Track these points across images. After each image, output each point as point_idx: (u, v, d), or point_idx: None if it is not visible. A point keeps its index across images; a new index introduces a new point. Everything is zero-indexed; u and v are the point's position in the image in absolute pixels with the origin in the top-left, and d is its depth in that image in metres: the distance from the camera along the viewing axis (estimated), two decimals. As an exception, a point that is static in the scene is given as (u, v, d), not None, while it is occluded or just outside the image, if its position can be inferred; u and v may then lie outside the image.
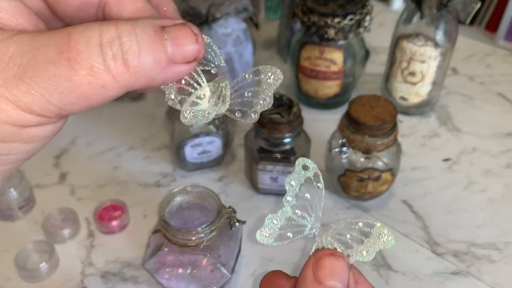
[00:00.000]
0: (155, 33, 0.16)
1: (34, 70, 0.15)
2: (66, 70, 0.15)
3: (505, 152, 0.58)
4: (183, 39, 0.17)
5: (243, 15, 0.59)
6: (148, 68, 0.16)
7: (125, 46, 0.16)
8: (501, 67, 0.73)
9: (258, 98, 0.23)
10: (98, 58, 0.15)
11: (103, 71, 0.15)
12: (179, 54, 0.17)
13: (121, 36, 0.16)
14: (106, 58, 0.15)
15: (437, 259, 0.45)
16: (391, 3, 0.89)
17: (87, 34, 0.15)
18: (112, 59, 0.16)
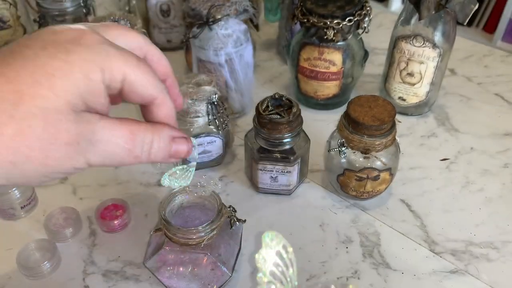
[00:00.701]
0: (169, 142, 0.29)
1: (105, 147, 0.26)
2: (126, 152, 0.27)
3: (502, 152, 0.58)
4: (181, 147, 0.30)
5: (243, 17, 0.59)
6: (157, 159, 0.29)
7: (153, 148, 0.28)
8: (498, 68, 0.74)
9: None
10: (140, 150, 0.27)
11: (140, 157, 0.28)
12: (177, 154, 0.30)
13: (153, 141, 0.28)
14: (143, 153, 0.28)
15: (435, 258, 0.46)
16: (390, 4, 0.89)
17: (142, 136, 0.27)
18: (146, 154, 0.28)
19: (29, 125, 0.22)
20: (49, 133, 0.23)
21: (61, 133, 0.23)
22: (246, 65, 0.60)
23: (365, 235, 0.48)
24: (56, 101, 0.23)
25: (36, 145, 0.23)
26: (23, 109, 0.22)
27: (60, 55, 0.23)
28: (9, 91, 0.22)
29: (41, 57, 0.23)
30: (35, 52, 0.23)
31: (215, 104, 0.51)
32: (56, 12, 0.66)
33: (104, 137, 0.25)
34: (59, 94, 0.23)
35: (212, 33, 0.57)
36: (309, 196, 0.53)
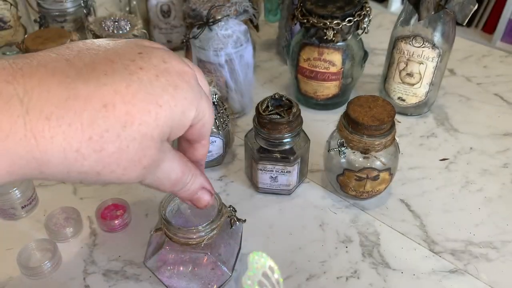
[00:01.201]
0: (198, 188, 0.32)
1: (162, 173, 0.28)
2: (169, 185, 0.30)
3: (502, 152, 0.59)
4: (205, 197, 0.33)
5: (243, 17, 0.59)
6: (182, 196, 0.32)
7: (186, 187, 0.31)
8: (498, 68, 0.74)
9: None
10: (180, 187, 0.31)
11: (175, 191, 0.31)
12: (198, 201, 0.33)
13: (189, 182, 0.31)
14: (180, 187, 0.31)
15: (435, 257, 0.46)
16: (389, 5, 0.90)
17: (186, 177, 0.30)
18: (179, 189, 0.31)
19: (127, 146, 0.24)
20: (138, 156, 0.25)
21: (146, 157, 0.26)
22: (246, 66, 0.60)
23: (365, 235, 0.48)
24: (155, 130, 0.25)
25: (124, 164, 0.25)
26: (129, 132, 0.24)
27: (170, 88, 0.26)
28: (123, 112, 0.24)
29: (155, 87, 0.25)
30: (151, 79, 0.25)
31: (215, 104, 0.51)
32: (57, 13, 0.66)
33: (165, 168, 0.28)
34: (159, 124, 0.25)
35: (212, 34, 0.57)
36: (309, 196, 0.53)
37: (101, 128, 0.23)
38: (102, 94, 0.23)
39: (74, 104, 0.22)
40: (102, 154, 0.24)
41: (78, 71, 0.24)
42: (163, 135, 0.26)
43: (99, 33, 0.60)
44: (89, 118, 0.23)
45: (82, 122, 0.23)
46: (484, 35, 0.82)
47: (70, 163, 0.23)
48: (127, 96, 0.24)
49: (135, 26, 0.62)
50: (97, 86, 0.23)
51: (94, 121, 0.23)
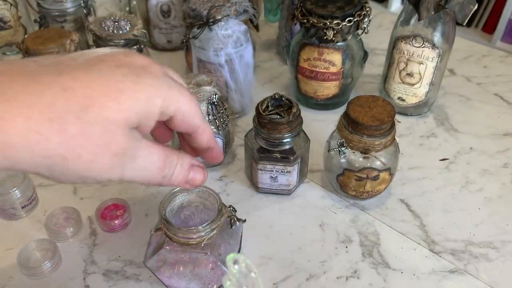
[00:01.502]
0: (188, 168, 0.32)
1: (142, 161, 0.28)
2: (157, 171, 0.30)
3: (502, 152, 0.59)
4: (198, 175, 0.33)
5: (243, 17, 0.59)
6: (176, 182, 0.32)
7: (176, 170, 0.31)
8: (498, 68, 0.74)
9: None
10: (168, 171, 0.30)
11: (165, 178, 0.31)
12: (193, 181, 0.33)
13: (177, 164, 0.31)
14: (169, 171, 0.30)
15: (435, 257, 0.46)
16: (389, 5, 0.90)
17: (171, 158, 0.30)
18: (169, 174, 0.31)
19: (90, 129, 0.25)
20: (104, 140, 0.25)
21: (113, 143, 0.26)
22: (246, 66, 0.60)
23: (365, 235, 0.48)
24: (118, 115, 0.25)
25: (90, 148, 0.25)
26: (90, 114, 0.24)
27: (131, 76, 0.26)
28: (82, 95, 0.24)
29: (116, 74, 0.26)
30: (111, 69, 0.26)
31: (215, 104, 0.51)
32: (57, 13, 0.66)
33: (143, 154, 0.28)
34: (122, 109, 0.25)
35: (212, 34, 0.57)
36: (308, 196, 0.53)
37: (61, 110, 0.24)
38: (62, 81, 0.24)
39: (34, 89, 0.24)
40: (64, 135, 0.24)
41: (43, 66, 0.25)
42: (129, 121, 0.26)
43: (99, 33, 0.60)
44: (49, 100, 0.24)
45: (42, 104, 0.23)
46: (484, 35, 0.82)
47: (32, 145, 0.23)
48: (87, 82, 0.25)
49: (135, 26, 0.62)
50: (57, 75, 0.24)
51: (53, 103, 0.24)
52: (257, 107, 0.48)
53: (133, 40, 0.62)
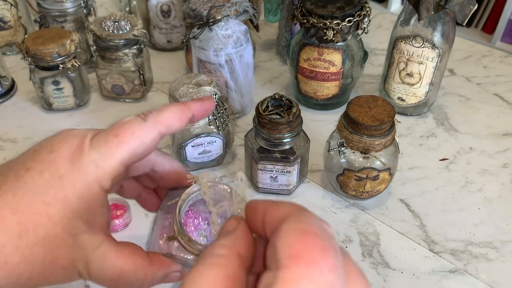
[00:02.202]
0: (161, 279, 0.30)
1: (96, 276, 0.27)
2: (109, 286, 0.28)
3: (501, 152, 0.59)
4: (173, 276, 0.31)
5: (243, 17, 0.59)
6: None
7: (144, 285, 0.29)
8: (498, 68, 0.74)
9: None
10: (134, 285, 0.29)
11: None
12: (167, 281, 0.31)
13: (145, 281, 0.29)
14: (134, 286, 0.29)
15: (435, 257, 0.46)
16: (389, 5, 0.90)
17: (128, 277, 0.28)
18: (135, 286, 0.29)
19: (31, 254, 0.24)
20: (49, 259, 0.25)
21: (59, 258, 0.25)
22: (246, 66, 0.60)
23: (365, 235, 0.48)
24: (54, 229, 0.25)
25: (37, 269, 0.25)
26: (26, 239, 0.24)
27: (54, 182, 0.25)
28: (14, 222, 0.24)
29: (38, 184, 0.25)
30: (34, 180, 0.25)
31: (215, 104, 0.51)
32: (57, 13, 0.66)
33: (96, 268, 0.26)
34: (56, 221, 0.25)
35: (212, 34, 0.57)
36: (308, 196, 0.53)
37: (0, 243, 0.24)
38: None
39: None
40: (8, 268, 0.24)
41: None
42: (70, 229, 0.25)
43: (99, 33, 0.60)
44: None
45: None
46: (484, 35, 0.82)
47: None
48: (15, 205, 0.24)
49: (135, 26, 0.62)
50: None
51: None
52: (257, 107, 0.48)
53: (133, 40, 0.62)
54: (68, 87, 0.63)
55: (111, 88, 0.65)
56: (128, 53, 0.62)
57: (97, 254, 0.26)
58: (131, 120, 0.27)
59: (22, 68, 0.72)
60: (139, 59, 0.64)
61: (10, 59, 0.74)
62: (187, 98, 0.49)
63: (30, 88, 0.66)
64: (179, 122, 0.29)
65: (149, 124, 0.28)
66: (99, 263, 0.27)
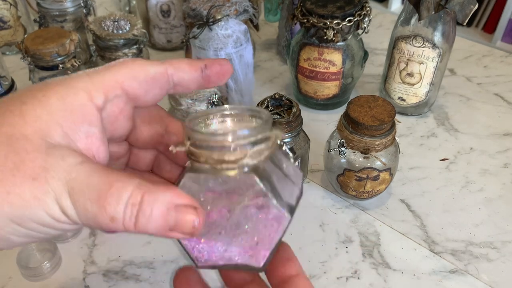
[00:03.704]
0: (167, 210, 0.21)
1: (78, 197, 0.20)
2: (98, 209, 0.20)
3: (502, 152, 0.59)
4: (185, 223, 0.21)
5: (243, 17, 0.59)
6: (150, 230, 0.21)
7: (142, 212, 0.21)
8: (498, 68, 0.74)
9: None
10: (120, 213, 0.20)
11: (119, 220, 0.21)
12: (179, 227, 0.21)
13: (142, 203, 0.20)
14: (125, 216, 0.20)
15: (435, 257, 0.46)
16: (390, 5, 0.90)
17: (121, 192, 0.20)
18: (129, 218, 0.21)
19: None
20: (12, 162, 0.20)
21: (26, 163, 0.20)
22: (246, 65, 0.60)
23: (365, 235, 0.48)
24: (24, 127, 0.20)
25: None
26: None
27: (38, 85, 0.22)
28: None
29: (23, 90, 0.22)
30: (19, 92, 0.22)
31: (215, 104, 0.51)
32: (57, 13, 0.66)
33: (76, 185, 0.20)
34: (28, 120, 0.21)
35: (212, 34, 0.57)
36: (309, 196, 0.53)
37: None
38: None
39: None
40: None
41: None
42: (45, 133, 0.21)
43: (99, 33, 0.60)
44: None
45: None
46: (485, 35, 0.82)
47: None
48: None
49: (134, 26, 0.62)
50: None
51: None
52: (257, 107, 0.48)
53: (132, 40, 0.62)
54: (68, 87, 0.62)
55: (111, 88, 0.65)
56: (128, 53, 0.62)
57: (79, 169, 0.21)
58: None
59: (22, 68, 0.72)
60: (138, 59, 0.64)
61: (10, 59, 0.74)
62: (187, 98, 0.49)
63: (29, 88, 0.66)
64: (189, 66, 0.25)
65: (156, 61, 0.25)
66: (82, 179, 0.20)
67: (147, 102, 0.25)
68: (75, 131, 0.21)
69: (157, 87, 0.25)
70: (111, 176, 0.21)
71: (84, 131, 0.22)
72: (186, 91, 0.26)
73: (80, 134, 0.22)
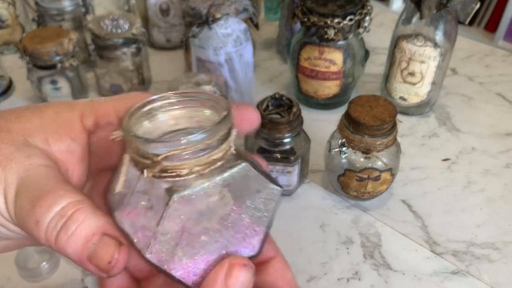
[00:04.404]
0: (92, 235, 0.19)
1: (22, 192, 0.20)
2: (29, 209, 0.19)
3: (504, 152, 0.58)
4: (103, 255, 0.20)
5: (243, 16, 0.59)
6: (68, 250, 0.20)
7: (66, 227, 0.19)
8: (500, 67, 0.74)
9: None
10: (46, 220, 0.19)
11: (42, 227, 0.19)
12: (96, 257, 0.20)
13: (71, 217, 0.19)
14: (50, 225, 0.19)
15: (437, 258, 0.46)
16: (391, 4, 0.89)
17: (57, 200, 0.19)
18: (52, 228, 0.19)
19: None
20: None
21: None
22: (246, 65, 0.60)
23: (366, 236, 0.48)
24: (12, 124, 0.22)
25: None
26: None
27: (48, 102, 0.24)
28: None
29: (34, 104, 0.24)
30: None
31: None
32: (55, 12, 0.66)
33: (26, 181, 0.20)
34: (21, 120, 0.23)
35: (211, 33, 0.56)
36: (309, 197, 0.52)
37: None
38: None
39: None
40: None
41: None
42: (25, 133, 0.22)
43: (97, 32, 0.60)
44: None
45: None
46: (486, 34, 0.82)
47: None
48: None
49: (133, 25, 0.62)
50: None
51: None
52: (257, 107, 0.48)
53: (131, 39, 0.62)
54: (66, 87, 0.62)
55: (110, 88, 0.65)
56: (127, 52, 0.62)
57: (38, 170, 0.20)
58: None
59: (20, 67, 0.71)
60: (137, 58, 0.63)
61: (8, 58, 0.74)
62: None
63: (27, 88, 0.65)
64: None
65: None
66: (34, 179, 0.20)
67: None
68: (57, 140, 0.22)
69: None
70: (61, 184, 0.20)
71: (66, 144, 0.22)
72: None
73: (61, 146, 0.22)
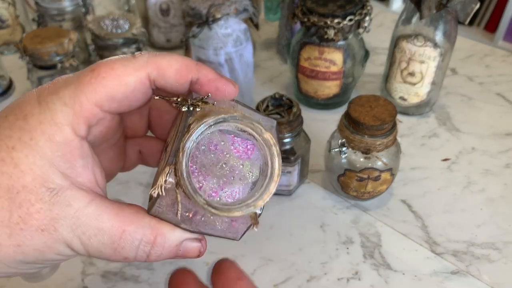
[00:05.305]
0: (176, 247, 0.23)
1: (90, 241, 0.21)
2: (112, 252, 0.22)
3: (504, 152, 0.58)
4: (192, 246, 0.24)
5: (243, 16, 0.59)
6: (158, 260, 0.24)
7: (154, 250, 0.23)
8: (500, 68, 0.74)
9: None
10: (133, 254, 0.22)
11: (132, 259, 0.23)
12: (186, 254, 0.24)
13: (154, 244, 0.22)
14: (138, 255, 0.22)
15: (437, 258, 0.46)
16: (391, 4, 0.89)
17: (134, 238, 0.22)
18: (141, 255, 0.23)
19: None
20: (17, 216, 0.20)
21: (32, 215, 0.20)
22: (246, 65, 0.60)
23: (366, 236, 0.48)
24: (22, 178, 0.20)
25: (3, 231, 0.20)
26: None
27: (17, 122, 0.21)
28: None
29: (1, 128, 0.21)
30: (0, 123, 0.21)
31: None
32: (55, 12, 0.66)
33: (87, 230, 0.21)
34: (24, 169, 0.20)
35: (211, 33, 0.56)
36: (309, 197, 0.52)
37: None
38: None
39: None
40: None
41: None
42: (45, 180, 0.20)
43: (97, 32, 0.60)
44: None
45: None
46: (486, 34, 0.82)
47: None
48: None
49: (134, 25, 0.62)
50: None
51: None
52: (257, 107, 0.48)
53: (131, 39, 0.62)
54: (67, 87, 0.62)
55: (110, 88, 0.65)
56: (127, 52, 0.62)
57: (88, 213, 0.21)
58: (116, 57, 0.22)
59: (20, 67, 0.71)
60: (138, 58, 0.63)
61: (8, 58, 0.74)
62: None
63: (28, 88, 0.65)
64: (176, 74, 0.23)
65: (137, 62, 0.22)
66: (92, 223, 0.21)
67: (132, 108, 0.24)
68: (71, 168, 0.21)
69: (140, 94, 0.23)
70: (121, 217, 0.22)
71: (80, 166, 0.22)
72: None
73: (77, 170, 0.22)
